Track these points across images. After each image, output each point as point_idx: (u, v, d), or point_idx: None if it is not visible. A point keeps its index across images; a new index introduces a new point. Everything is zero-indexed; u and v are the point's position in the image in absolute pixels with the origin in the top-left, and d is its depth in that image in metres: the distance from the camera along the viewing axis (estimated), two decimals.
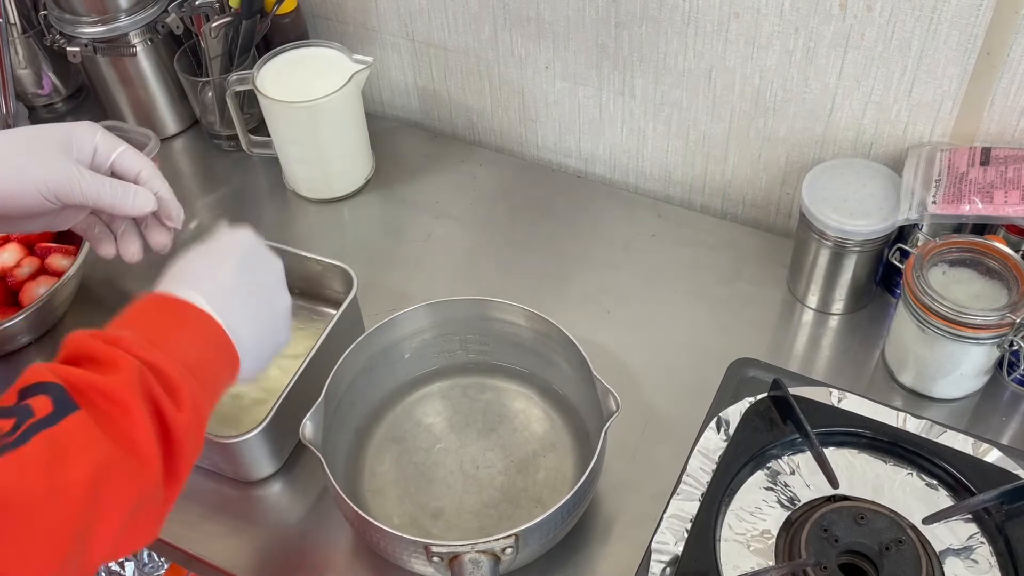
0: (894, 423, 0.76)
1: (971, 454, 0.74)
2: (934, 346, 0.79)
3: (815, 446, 0.74)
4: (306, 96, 0.97)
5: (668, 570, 0.69)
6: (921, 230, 0.83)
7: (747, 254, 0.98)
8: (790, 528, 0.71)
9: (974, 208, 0.79)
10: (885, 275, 0.90)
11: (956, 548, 0.69)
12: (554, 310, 0.82)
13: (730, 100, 0.94)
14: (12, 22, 1.11)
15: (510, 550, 0.67)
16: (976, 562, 0.69)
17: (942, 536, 0.70)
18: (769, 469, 0.75)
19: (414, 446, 0.82)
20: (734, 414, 0.78)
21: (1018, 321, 0.74)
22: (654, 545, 0.71)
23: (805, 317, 0.92)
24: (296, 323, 0.92)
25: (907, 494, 0.73)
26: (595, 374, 0.74)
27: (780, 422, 0.77)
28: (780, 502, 0.73)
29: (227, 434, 0.77)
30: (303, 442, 0.72)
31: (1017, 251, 0.78)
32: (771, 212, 1.01)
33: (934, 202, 0.80)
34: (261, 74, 1.01)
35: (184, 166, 1.15)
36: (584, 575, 0.75)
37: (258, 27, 1.06)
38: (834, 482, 0.73)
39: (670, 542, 0.71)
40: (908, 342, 0.81)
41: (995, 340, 0.76)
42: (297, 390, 0.78)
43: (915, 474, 0.74)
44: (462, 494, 0.79)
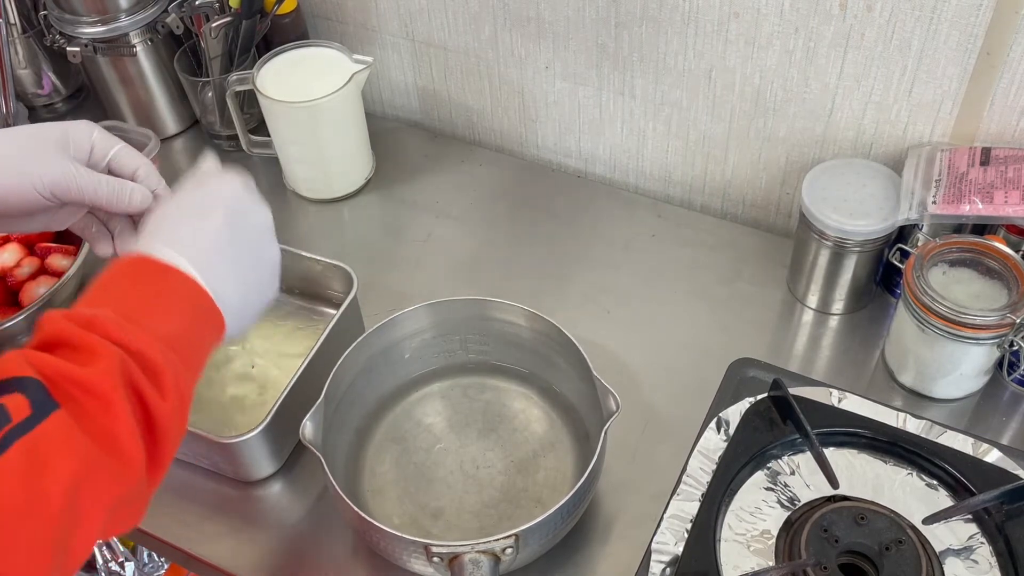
0: (894, 423, 0.76)
1: (971, 454, 0.74)
2: (934, 346, 0.79)
3: (815, 446, 0.74)
4: (306, 96, 0.97)
5: (668, 570, 0.69)
6: (921, 230, 0.83)
7: (747, 254, 0.98)
8: (790, 528, 0.71)
9: (974, 208, 0.79)
10: (885, 275, 0.90)
11: (956, 548, 0.69)
12: (554, 310, 0.82)
13: (730, 100, 0.94)
14: (12, 22, 1.11)
15: (510, 550, 0.67)
16: (976, 562, 0.69)
17: (942, 536, 0.70)
18: (769, 469, 0.75)
19: (414, 446, 0.82)
20: (734, 414, 0.78)
21: (1018, 321, 0.74)
22: (654, 545, 0.71)
23: (805, 317, 0.92)
24: (296, 323, 0.92)
25: (907, 494, 0.73)
26: (595, 374, 0.74)
27: (780, 422, 0.77)
28: (780, 502, 0.73)
29: (227, 434, 0.77)
30: (303, 442, 0.72)
31: (1017, 251, 0.78)
32: (771, 212, 1.01)
33: (934, 202, 0.80)
34: (261, 74, 1.01)
35: (184, 166, 1.15)
36: (584, 575, 0.75)
37: (258, 27, 1.06)
38: (834, 482, 0.73)
39: (670, 542, 0.71)
40: (908, 342, 0.81)
41: (995, 340, 0.76)
42: (297, 390, 0.78)
43: (915, 474, 0.74)
44: (462, 494, 0.79)
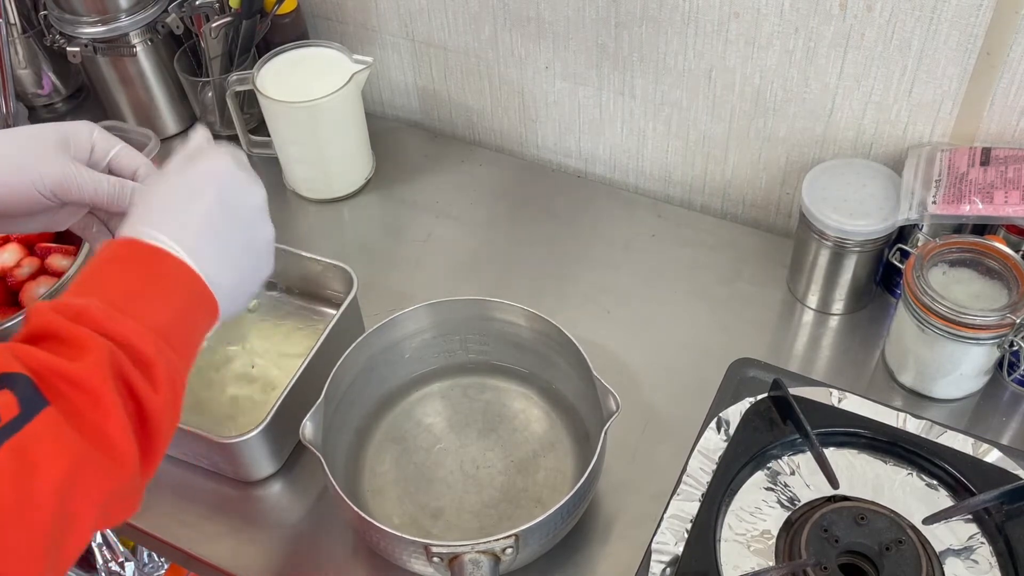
0: (894, 423, 0.76)
1: (971, 454, 0.74)
2: (934, 346, 0.79)
3: (815, 446, 0.74)
4: (306, 96, 0.97)
5: (668, 570, 0.69)
6: (921, 230, 0.83)
7: (747, 254, 0.98)
8: (790, 528, 0.71)
9: (974, 208, 0.79)
10: (885, 275, 0.90)
11: (956, 548, 0.69)
12: (554, 310, 0.82)
13: (730, 100, 0.94)
14: (12, 22, 1.11)
15: (510, 550, 0.67)
16: (976, 562, 0.69)
17: (942, 536, 0.70)
18: (769, 469, 0.75)
19: (414, 446, 0.82)
20: (734, 414, 0.78)
21: (1018, 321, 0.74)
22: (654, 545, 0.71)
23: (805, 317, 0.92)
24: (296, 323, 0.92)
25: (907, 494, 0.73)
26: (595, 374, 0.74)
27: (780, 422, 0.77)
28: (780, 502, 0.73)
29: (227, 434, 0.77)
30: (303, 442, 0.72)
31: (1017, 251, 0.78)
32: (771, 212, 1.01)
33: (934, 202, 0.80)
34: (261, 74, 1.01)
35: None
36: (584, 575, 0.75)
37: (258, 27, 1.06)
38: (834, 482, 0.73)
39: (670, 542, 0.71)
40: (908, 342, 0.81)
41: (995, 340, 0.76)
42: (297, 390, 0.78)
43: (915, 474, 0.74)
44: (462, 494, 0.79)
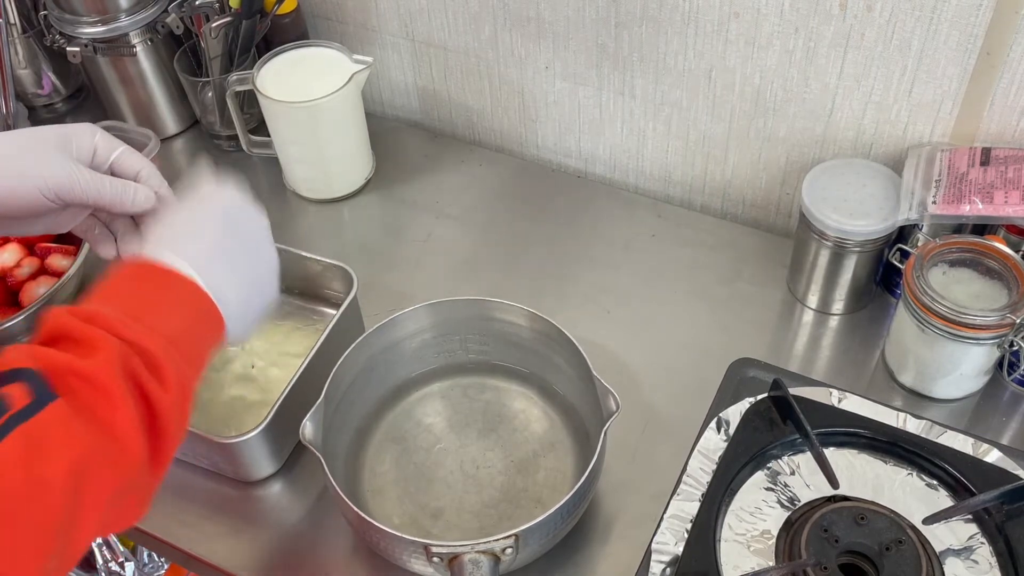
0: (894, 423, 0.76)
1: (971, 454, 0.74)
2: (934, 346, 0.79)
3: (815, 446, 0.74)
4: (306, 96, 0.97)
5: (668, 570, 0.69)
6: (921, 230, 0.83)
7: (747, 254, 0.98)
8: (790, 528, 0.71)
9: (974, 208, 0.79)
10: (885, 275, 0.90)
11: (956, 548, 0.69)
12: (554, 310, 0.82)
13: (730, 100, 0.94)
14: (12, 22, 1.11)
15: (510, 550, 0.67)
16: (976, 562, 0.69)
17: (942, 536, 0.70)
18: (769, 469, 0.75)
19: (414, 446, 0.82)
20: (734, 414, 0.78)
21: (1018, 321, 0.74)
22: (654, 545, 0.71)
23: (805, 317, 0.92)
24: (296, 323, 0.92)
25: (907, 494, 0.73)
26: (595, 374, 0.74)
27: (780, 422, 0.77)
28: (780, 502, 0.73)
29: (227, 434, 0.77)
30: (303, 442, 0.72)
31: (1017, 251, 0.78)
32: (771, 212, 1.01)
33: (934, 202, 0.80)
34: (261, 74, 1.01)
35: (184, 166, 1.15)
36: (584, 575, 0.75)
37: (258, 27, 1.06)
38: (834, 482, 0.73)
39: (670, 542, 0.71)
40: (908, 342, 0.81)
41: (995, 340, 0.76)
42: (297, 390, 0.78)
43: (915, 474, 0.74)
44: (462, 494, 0.79)
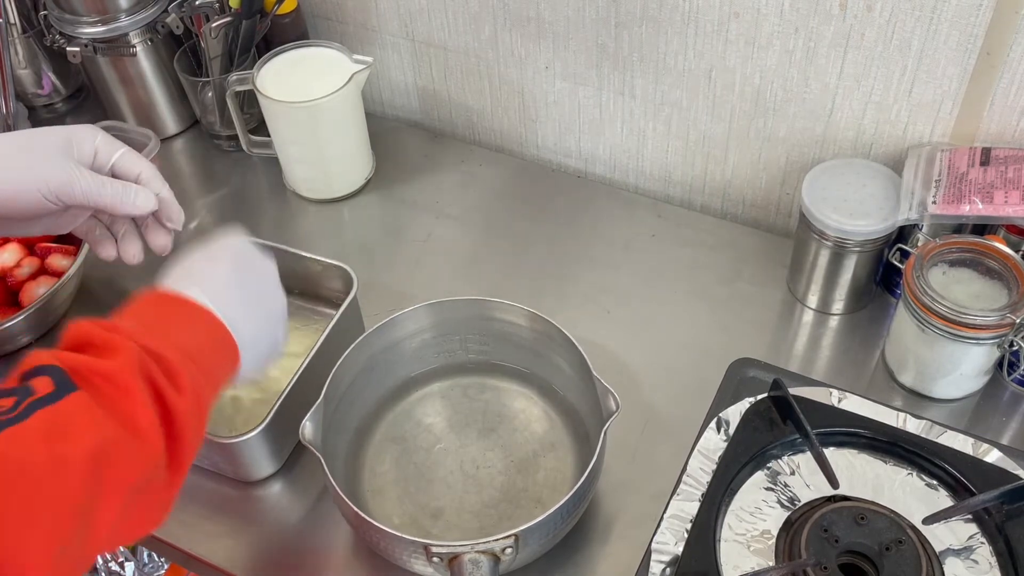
0: (894, 423, 0.76)
1: (971, 454, 0.74)
2: (934, 346, 0.79)
3: (815, 446, 0.74)
4: (306, 96, 0.97)
5: (668, 570, 0.69)
6: (921, 230, 0.83)
7: (747, 254, 0.98)
8: (790, 528, 0.71)
9: (974, 208, 0.79)
10: (885, 275, 0.90)
11: (956, 548, 0.69)
12: (554, 310, 0.82)
13: (730, 100, 0.94)
14: (12, 22, 1.11)
15: (510, 550, 0.67)
16: (976, 562, 0.69)
17: (942, 536, 0.70)
18: (769, 469, 0.75)
19: (414, 446, 0.82)
20: (734, 414, 0.78)
21: (1018, 321, 0.74)
22: (654, 545, 0.71)
23: (805, 317, 0.92)
24: (296, 323, 0.92)
25: (907, 494, 0.73)
26: (595, 374, 0.74)
27: (780, 422, 0.77)
28: (780, 502, 0.73)
29: (227, 434, 0.77)
30: (303, 442, 0.72)
31: (1017, 251, 0.78)
32: (771, 212, 1.01)
33: (934, 202, 0.80)
34: (261, 74, 1.01)
35: (184, 166, 1.15)
36: (584, 575, 0.75)
37: (258, 27, 1.06)
38: (834, 482, 0.73)
39: (670, 542, 0.71)
40: (908, 342, 0.81)
41: (995, 340, 0.76)
42: (297, 390, 0.78)
43: (915, 474, 0.74)
44: (462, 494, 0.79)
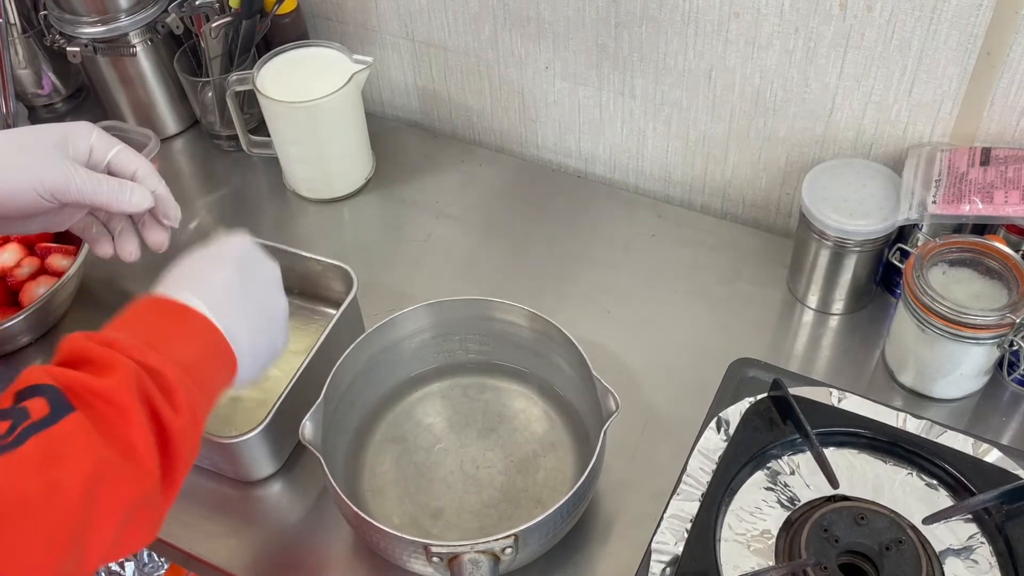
0: (894, 423, 0.76)
1: (971, 454, 0.74)
2: (934, 346, 0.79)
3: (815, 446, 0.74)
4: (306, 96, 0.97)
5: (668, 570, 0.69)
6: (921, 230, 0.83)
7: (747, 254, 0.98)
8: (790, 528, 0.71)
9: (974, 208, 0.79)
10: (885, 275, 0.90)
11: (956, 548, 0.69)
12: (554, 310, 0.82)
13: (730, 100, 0.94)
14: (12, 22, 1.11)
15: (510, 550, 0.67)
16: (976, 562, 0.69)
17: (942, 536, 0.70)
18: (769, 469, 0.75)
19: (414, 446, 0.82)
20: (734, 414, 0.78)
21: (1018, 321, 0.74)
22: (654, 545, 0.71)
23: (805, 317, 0.92)
24: (296, 323, 0.92)
25: (907, 494, 0.73)
26: (595, 374, 0.74)
27: (780, 422, 0.77)
28: (780, 502, 0.73)
29: (227, 434, 0.77)
30: (303, 442, 0.72)
31: (1017, 251, 0.78)
32: (771, 212, 1.01)
33: (934, 202, 0.80)
34: (261, 74, 1.01)
35: (184, 166, 1.15)
36: (584, 575, 0.75)
37: (258, 27, 1.06)
38: (834, 482, 0.73)
39: (670, 542, 0.71)
40: (908, 342, 0.81)
41: (995, 340, 0.76)
42: (297, 390, 0.78)
43: (915, 474, 0.74)
44: (462, 494, 0.79)
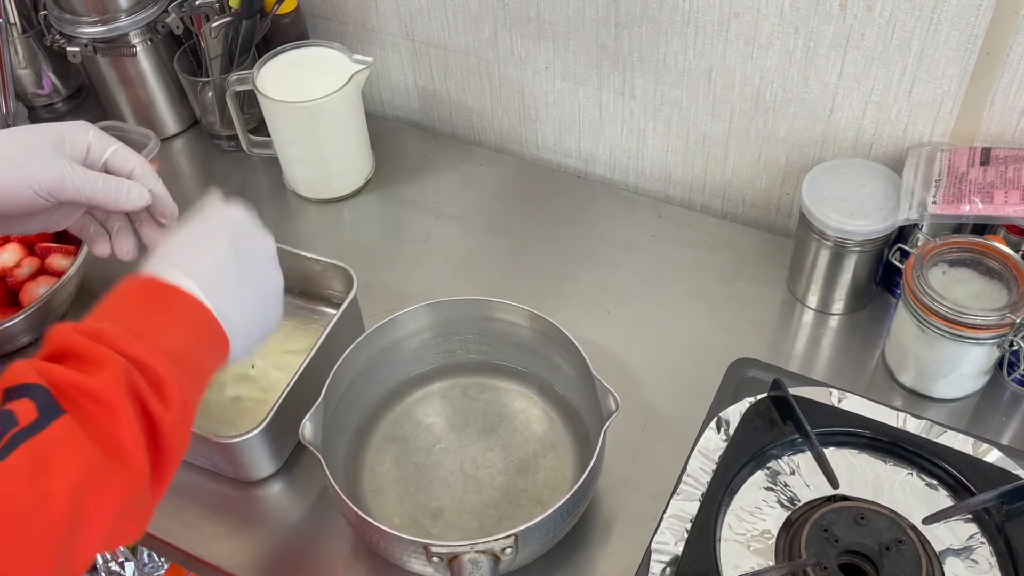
0: (894, 423, 0.76)
1: (971, 454, 0.74)
2: (934, 346, 0.79)
3: (815, 446, 0.74)
4: (306, 96, 0.97)
5: (668, 570, 0.69)
6: (921, 230, 0.83)
7: (747, 254, 0.98)
8: (790, 528, 0.71)
9: (974, 208, 0.79)
10: (885, 275, 0.90)
11: (956, 548, 0.69)
12: (554, 310, 0.82)
13: (730, 100, 0.94)
14: (12, 22, 1.11)
15: (510, 550, 0.67)
16: (976, 562, 0.69)
17: (942, 536, 0.70)
18: (769, 469, 0.75)
19: (414, 446, 0.82)
20: (734, 414, 0.78)
21: (1018, 321, 0.74)
22: (654, 545, 0.71)
23: (805, 317, 0.92)
24: (296, 323, 0.92)
25: (907, 494, 0.73)
26: (595, 374, 0.74)
27: (780, 422, 0.77)
28: (780, 502, 0.73)
29: (227, 434, 0.77)
30: (303, 442, 0.72)
31: (1017, 251, 0.78)
32: (771, 212, 1.01)
33: (934, 202, 0.80)
34: (261, 74, 1.01)
35: (184, 166, 1.15)
36: (584, 575, 0.75)
37: (258, 27, 1.06)
38: (834, 482, 0.73)
39: (670, 542, 0.71)
40: (908, 342, 0.81)
41: (995, 340, 0.76)
42: (297, 390, 0.78)
43: (915, 474, 0.74)
44: (462, 494, 0.79)
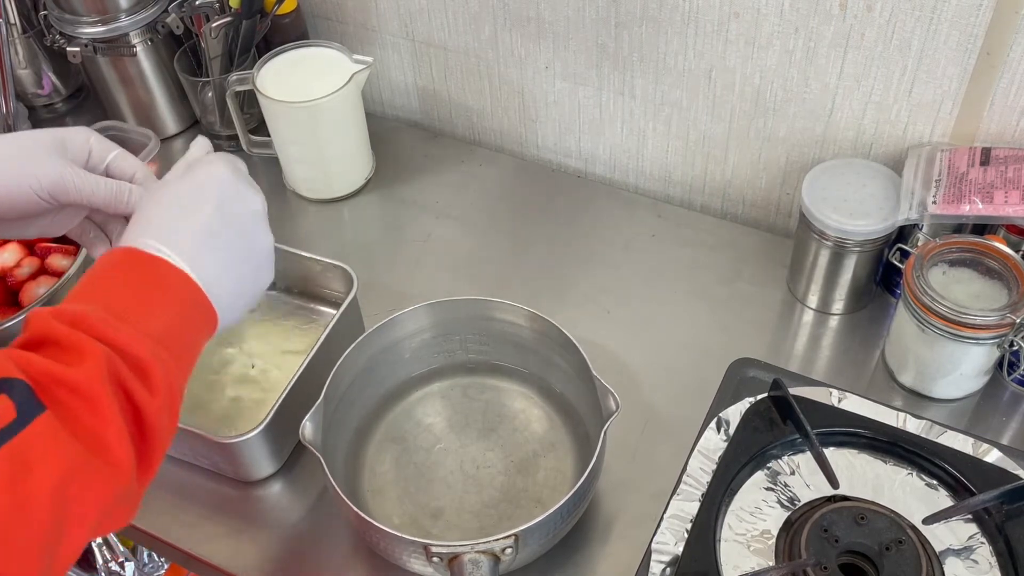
0: (894, 423, 0.76)
1: (971, 454, 0.74)
2: (934, 346, 0.79)
3: (815, 446, 0.74)
4: (306, 96, 0.97)
5: (668, 570, 0.69)
6: (921, 230, 0.83)
7: (747, 254, 0.98)
8: (790, 528, 0.71)
9: (974, 208, 0.79)
10: (885, 275, 0.90)
11: (956, 548, 0.69)
12: (554, 310, 0.82)
13: (730, 100, 0.94)
14: (12, 22, 1.11)
15: (510, 550, 0.67)
16: (976, 562, 0.69)
17: (942, 536, 0.70)
18: (769, 469, 0.75)
19: (414, 446, 0.82)
20: (734, 414, 0.78)
21: (1018, 321, 0.74)
22: (654, 545, 0.71)
23: (805, 317, 0.92)
24: (296, 323, 0.92)
25: (907, 494, 0.73)
26: (595, 374, 0.74)
27: (780, 422, 0.77)
28: (780, 502, 0.73)
29: (227, 434, 0.77)
30: (303, 442, 0.72)
31: (1017, 251, 0.78)
32: (771, 212, 1.01)
33: (934, 202, 0.80)
34: (261, 74, 1.01)
35: None
36: (584, 575, 0.75)
37: (258, 27, 1.06)
38: (834, 482, 0.73)
39: (670, 542, 0.71)
40: (908, 342, 0.81)
41: (995, 340, 0.76)
42: (297, 390, 0.78)
43: (915, 474, 0.74)
44: (462, 494, 0.79)
